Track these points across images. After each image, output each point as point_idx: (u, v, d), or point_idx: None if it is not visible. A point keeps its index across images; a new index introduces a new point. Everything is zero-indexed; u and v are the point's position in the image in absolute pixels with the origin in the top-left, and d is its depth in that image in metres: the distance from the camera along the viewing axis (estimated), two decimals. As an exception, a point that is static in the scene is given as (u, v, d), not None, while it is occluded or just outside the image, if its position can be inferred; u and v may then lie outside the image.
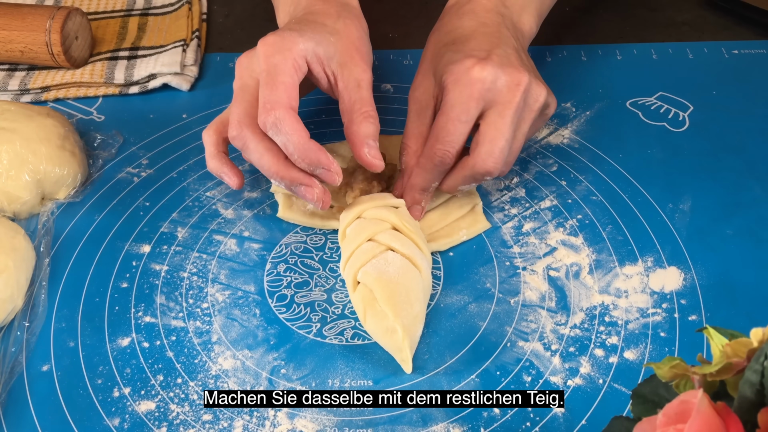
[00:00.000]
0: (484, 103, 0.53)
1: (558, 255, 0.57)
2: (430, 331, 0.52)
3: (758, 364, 0.29)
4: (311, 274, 0.57)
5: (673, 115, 0.70)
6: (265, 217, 0.61)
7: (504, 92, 0.53)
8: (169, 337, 0.52)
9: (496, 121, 0.53)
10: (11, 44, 0.71)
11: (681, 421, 0.28)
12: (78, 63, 0.74)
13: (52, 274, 0.57)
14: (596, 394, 0.48)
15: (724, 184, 0.63)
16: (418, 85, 0.58)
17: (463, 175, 0.55)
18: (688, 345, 0.51)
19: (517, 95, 0.53)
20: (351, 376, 0.50)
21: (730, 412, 0.28)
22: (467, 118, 0.53)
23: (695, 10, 0.84)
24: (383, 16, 0.84)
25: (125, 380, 0.50)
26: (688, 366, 0.32)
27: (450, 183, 0.56)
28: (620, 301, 0.54)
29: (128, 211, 0.62)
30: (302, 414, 0.48)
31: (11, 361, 0.51)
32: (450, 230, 0.59)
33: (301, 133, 0.50)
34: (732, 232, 0.59)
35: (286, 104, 0.50)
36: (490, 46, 0.55)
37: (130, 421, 0.48)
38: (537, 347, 0.51)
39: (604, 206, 0.61)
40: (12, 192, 0.59)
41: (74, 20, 0.73)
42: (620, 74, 0.75)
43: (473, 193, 0.61)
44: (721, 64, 0.76)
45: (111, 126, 0.70)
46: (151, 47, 0.77)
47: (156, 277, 0.57)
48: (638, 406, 0.35)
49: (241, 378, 0.50)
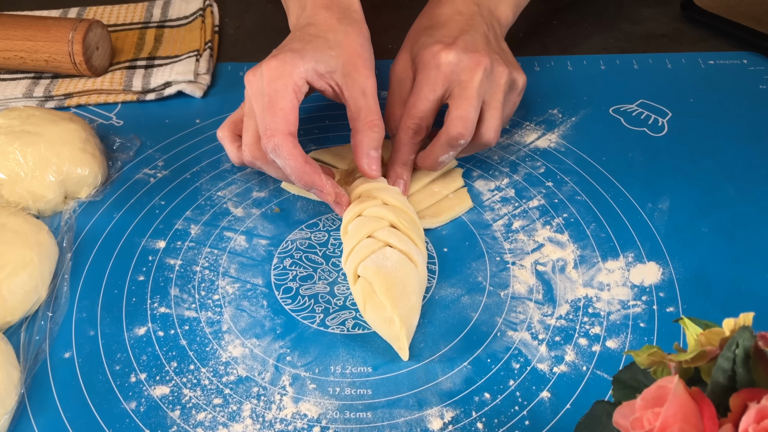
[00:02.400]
0: (449, 83, 0.56)
1: (545, 251, 0.57)
2: (425, 321, 0.52)
3: (730, 351, 0.29)
4: (315, 268, 0.57)
5: (652, 121, 0.70)
6: (272, 216, 0.61)
7: (466, 72, 0.56)
8: (183, 327, 0.52)
9: (461, 94, 0.56)
10: (36, 54, 0.71)
11: (658, 404, 0.28)
12: (99, 72, 0.74)
13: (73, 267, 0.57)
14: (580, 380, 0.48)
15: (700, 185, 0.63)
16: (397, 62, 0.62)
17: (440, 143, 0.57)
18: (666, 335, 0.51)
19: (477, 74, 0.56)
20: (352, 363, 0.50)
21: (704, 397, 0.28)
22: (434, 96, 0.56)
23: (674, 23, 0.84)
24: (383, 28, 0.84)
25: (141, 366, 0.50)
26: (664, 354, 0.32)
27: (430, 155, 0.58)
28: (603, 293, 0.54)
29: (145, 209, 0.61)
30: (306, 398, 0.48)
31: (35, 348, 0.51)
32: (437, 209, 0.60)
33: (297, 158, 0.52)
34: (707, 230, 0.59)
35: (284, 130, 0.52)
36: (459, 33, 0.58)
37: (146, 405, 0.48)
38: (525, 336, 0.51)
39: (588, 205, 0.61)
40: (37, 191, 0.59)
41: (95, 32, 0.73)
42: (604, 83, 0.75)
43: (457, 177, 0.63)
44: (697, 74, 0.76)
45: (129, 130, 0.69)
46: (167, 57, 0.77)
47: (170, 270, 0.56)
48: (619, 391, 0.35)
49: (250, 365, 0.50)
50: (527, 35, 0.82)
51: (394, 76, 0.61)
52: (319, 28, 0.57)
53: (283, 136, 0.52)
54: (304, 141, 0.68)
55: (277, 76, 0.53)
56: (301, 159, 0.53)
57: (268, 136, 0.52)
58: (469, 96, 0.55)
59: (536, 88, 0.74)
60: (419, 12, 0.65)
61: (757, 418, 0.26)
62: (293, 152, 0.52)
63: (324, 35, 0.56)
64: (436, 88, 0.56)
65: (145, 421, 0.47)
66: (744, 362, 0.28)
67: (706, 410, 0.28)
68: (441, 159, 0.58)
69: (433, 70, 0.56)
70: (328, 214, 0.61)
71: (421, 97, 0.56)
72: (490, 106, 0.57)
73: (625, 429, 0.29)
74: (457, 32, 0.58)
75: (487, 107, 0.57)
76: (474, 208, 0.61)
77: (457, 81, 0.56)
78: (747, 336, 0.28)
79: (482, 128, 0.57)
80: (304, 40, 0.56)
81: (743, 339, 0.28)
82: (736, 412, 0.27)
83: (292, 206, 0.62)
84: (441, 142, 0.57)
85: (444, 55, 0.56)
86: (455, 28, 0.59)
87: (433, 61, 0.56)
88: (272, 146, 0.52)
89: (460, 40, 0.57)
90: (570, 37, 0.82)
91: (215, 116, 0.71)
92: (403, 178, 0.59)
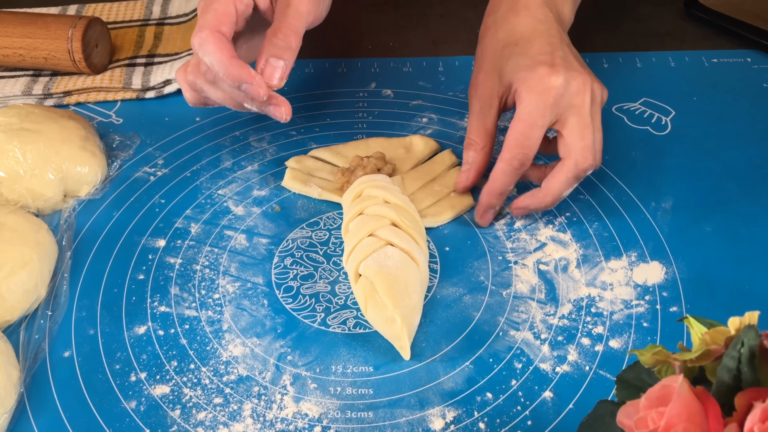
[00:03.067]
0: (558, 108, 0.53)
1: (547, 250, 0.57)
2: (427, 320, 0.52)
3: (735, 350, 0.29)
4: (316, 267, 0.57)
5: (656, 120, 0.70)
6: (272, 214, 0.61)
7: (575, 96, 0.53)
8: (183, 326, 0.52)
9: (578, 122, 0.53)
10: (35, 51, 0.71)
11: (662, 404, 0.28)
12: (98, 69, 0.74)
13: (73, 266, 0.57)
14: (583, 380, 0.48)
15: (703, 184, 0.63)
16: (480, 84, 0.57)
17: (567, 177, 0.54)
18: (669, 334, 0.51)
19: (586, 97, 0.54)
20: (353, 362, 0.50)
21: (709, 396, 0.28)
22: (543, 123, 0.53)
23: (677, 21, 0.84)
24: (384, 26, 0.84)
25: (141, 366, 0.50)
26: (669, 353, 0.32)
27: (553, 191, 0.55)
28: (606, 293, 0.54)
29: (145, 207, 0.61)
30: (307, 398, 0.48)
31: (35, 347, 0.51)
32: (438, 208, 0.60)
33: (223, 52, 0.50)
34: (711, 230, 0.59)
35: (212, 26, 0.50)
36: (551, 48, 0.55)
37: (146, 404, 0.48)
38: (527, 336, 0.51)
39: (591, 204, 0.61)
40: (36, 189, 0.59)
41: (95, 29, 0.73)
42: (607, 81, 0.74)
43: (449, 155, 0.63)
44: (701, 72, 0.76)
45: (129, 128, 0.69)
46: (167, 55, 0.77)
47: (170, 269, 0.57)
48: (622, 390, 0.35)
49: (250, 364, 0.50)
50: (529, 33, 0.82)
51: (477, 101, 0.57)
52: None
53: (210, 31, 0.50)
54: (304, 140, 0.68)
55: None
56: (227, 53, 0.51)
57: (195, 33, 0.51)
58: (584, 126, 0.53)
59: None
60: (419, 10, 0.65)
61: (762, 417, 0.26)
62: (219, 46, 0.50)
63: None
64: (546, 115, 0.53)
65: (146, 420, 0.47)
66: (749, 361, 0.28)
67: (711, 410, 0.28)
68: (564, 193, 0.56)
69: (542, 95, 0.53)
70: (329, 213, 0.61)
71: (530, 124, 0.53)
72: (595, 128, 0.55)
73: (629, 429, 0.29)
74: (548, 47, 0.55)
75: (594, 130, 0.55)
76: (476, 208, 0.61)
77: (568, 105, 0.53)
78: (752, 335, 0.28)
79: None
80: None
81: (749, 338, 0.28)
82: (741, 411, 0.27)
83: (293, 205, 0.62)
84: (568, 175, 0.54)
85: (553, 79, 0.53)
86: (545, 43, 0.56)
87: (540, 86, 0.53)
88: (198, 42, 0.51)
89: (558, 57, 0.54)
90: (573, 35, 0.82)
91: (215, 114, 0.71)
92: (495, 208, 0.57)
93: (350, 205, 0.57)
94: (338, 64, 0.77)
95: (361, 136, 0.68)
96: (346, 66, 0.77)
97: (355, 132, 0.68)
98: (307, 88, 0.74)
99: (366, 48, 0.81)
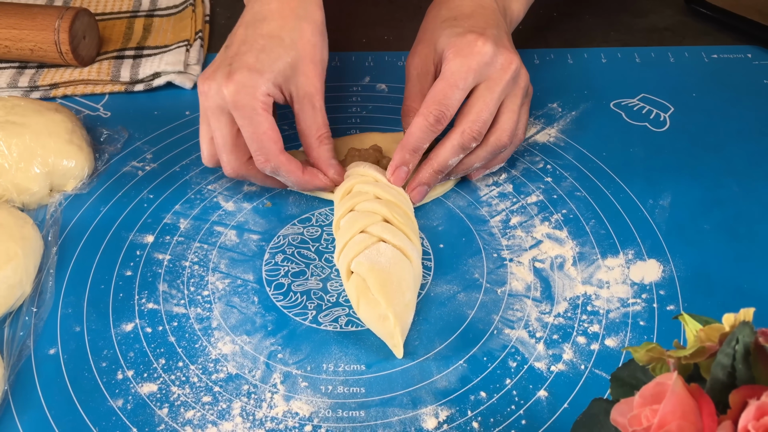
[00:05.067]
0: (479, 76, 0.56)
1: (543, 247, 0.57)
2: (420, 318, 0.53)
3: (729, 347, 0.29)
4: (307, 263, 0.57)
5: (654, 116, 0.70)
6: (263, 210, 0.61)
7: (498, 71, 0.56)
8: (171, 323, 0.53)
9: (485, 95, 0.56)
10: (21, 43, 0.71)
11: (656, 402, 0.28)
12: (85, 61, 0.74)
13: (59, 262, 0.57)
14: (578, 379, 0.49)
15: (702, 181, 0.63)
16: (417, 53, 0.60)
17: (452, 144, 0.56)
18: (666, 333, 0.51)
19: (508, 75, 0.56)
20: (345, 360, 0.50)
21: (703, 393, 0.28)
22: (464, 86, 0.55)
23: (677, 16, 0.84)
24: (379, 19, 0.84)
25: (129, 363, 0.50)
26: (663, 350, 0.32)
27: (439, 154, 0.57)
28: (602, 291, 0.54)
29: (133, 202, 0.62)
30: (297, 396, 0.48)
31: (20, 344, 0.51)
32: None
33: (296, 173, 0.57)
34: (709, 227, 0.59)
35: (276, 152, 0.55)
36: (486, 24, 0.58)
37: (133, 402, 0.48)
38: (522, 335, 0.51)
39: (587, 201, 0.61)
40: (22, 183, 0.59)
41: (82, 20, 0.73)
42: (605, 76, 0.75)
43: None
44: (701, 68, 0.76)
45: (117, 122, 0.69)
46: (156, 47, 0.77)
47: (159, 265, 0.57)
48: (617, 389, 0.35)
49: (240, 362, 0.50)
50: (526, 27, 0.82)
51: (413, 69, 0.60)
52: (272, 24, 0.56)
53: (276, 158, 0.55)
54: (294, 135, 0.68)
55: (243, 103, 0.53)
56: (299, 171, 0.57)
57: (262, 162, 0.55)
58: (489, 101, 0.55)
59: (536, 82, 0.74)
60: (415, 3, 0.65)
61: (756, 415, 0.26)
62: (290, 168, 0.56)
63: (279, 34, 0.56)
64: (467, 78, 0.55)
65: (132, 419, 0.47)
66: (744, 358, 0.29)
67: (705, 407, 0.28)
68: (450, 162, 0.57)
69: (467, 59, 0.55)
70: (321, 209, 0.61)
71: (451, 84, 0.55)
72: (507, 108, 0.57)
73: (623, 427, 0.30)
74: (483, 23, 0.58)
75: (505, 109, 0.57)
76: (471, 204, 0.61)
77: (486, 76, 0.56)
78: (747, 332, 0.29)
79: (497, 130, 0.57)
80: (257, 48, 0.55)
81: (743, 335, 0.29)
82: (736, 409, 0.28)
83: (284, 201, 0.62)
84: (453, 143, 0.56)
85: (480, 44, 0.55)
86: (481, 20, 0.59)
87: (467, 50, 0.55)
88: (270, 169, 0.56)
89: (490, 32, 0.57)
90: (571, 29, 0.83)
91: (206, 108, 0.71)
92: (408, 165, 0.58)
93: (341, 201, 0.57)
94: (332, 58, 0.77)
95: (355, 131, 0.68)
96: (339, 60, 0.78)
97: (349, 127, 0.69)
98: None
99: (360, 41, 0.81)
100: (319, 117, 0.58)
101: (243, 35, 0.57)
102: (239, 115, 0.54)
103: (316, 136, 0.58)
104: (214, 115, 0.55)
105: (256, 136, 0.54)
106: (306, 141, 0.58)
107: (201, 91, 0.55)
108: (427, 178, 0.58)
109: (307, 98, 0.57)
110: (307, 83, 0.56)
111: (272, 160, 0.55)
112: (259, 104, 0.54)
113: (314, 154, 0.58)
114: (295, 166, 0.56)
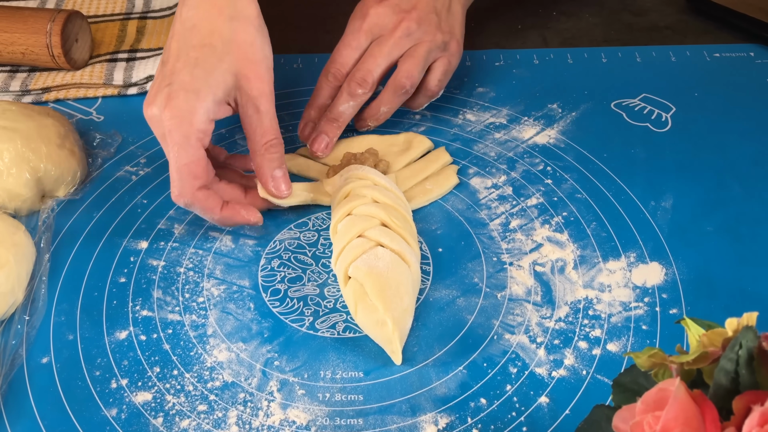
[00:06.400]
0: (372, 35, 0.64)
1: (544, 251, 0.57)
2: (419, 324, 0.53)
3: (733, 352, 0.29)
4: (304, 269, 0.57)
5: (656, 116, 0.70)
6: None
7: (388, 28, 0.63)
8: (166, 331, 0.52)
9: (372, 49, 0.63)
10: (13, 46, 0.71)
11: (659, 408, 0.28)
12: (78, 65, 0.74)
13: (52, 269, 0.56)
14: (580, 384, 0.49)
15: (704, 182, 0.63)
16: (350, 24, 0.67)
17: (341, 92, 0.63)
18: (669, 337, 0.51)
19: (397, 32, 0.63)
20: (342, 367, 0.50)
21: (706, 399, 0.28)
22: (357, 45, 0.64)
23: (678, 14, 0.84)
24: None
25: (123, 372, 0.50)
26: (666, 355, 0.32)
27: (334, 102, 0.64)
28: (603, 295, 0.54)
29: (126, 208, 0.61)
30: (294, 404, 0.48)
31: (12, 353, 0.51)
32: (422, 189, 0.61)
33: (213, 210, 0.55)
34: (712, 229, 0.59)
35: (190, 189, 0.53)
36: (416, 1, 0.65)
37: (128, 412, 0.47)
38: (523, 340, 0.51)
39: (588, 204, 0.61)
40: (13, 189, 0.59)
41: (74, 23, 0.73)
42: (605, 76, 0.75)
43: (452, 175, 0.63)
44: (702, 67, 0.76)
45: (110, 126, 0.69)
46: (150, 50, 0.77)
47: (153, 272, 0.56)
48: (619, 394, 0.35)
49: (236, 369, 0.50)
50: (525, 27, 0.83)
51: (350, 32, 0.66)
52: (203, 32, 0.54)
53: (192, 194, 0.54)
54: (293, 137, 0.68)
55: (176, 126, 0.52)
56: (216, 209, 0.55)
57: (175, 195, 0.54)
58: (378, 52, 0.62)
59: (535, 82, 0.74)
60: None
61: (760, 421, 0.26)
62: (206, 206, 0.55)
63: (210, 42, 0.54)
64: (361, 38, 0.63)
65: (127, 428, 0.47)
66: (747, 363, 0.28)
67: (709, 413, 0.28)
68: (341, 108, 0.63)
69: (357, 19, 0.64)
70: (318, 213, 0.61)
71: (345, 44, 0.64)
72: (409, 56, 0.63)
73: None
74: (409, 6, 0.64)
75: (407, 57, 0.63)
76: (470, 207, 0.61)
77: (377, 35, 0.64)
78: (750, 336, 0.29)
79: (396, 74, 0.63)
80: (191, 63, 0.53)
81: (747, 339, 0.29)
82: (740, 415, 0.27)
83: (281, 205, 0.62)
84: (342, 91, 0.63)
85: (374, 10, 0.63)
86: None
87: (359, 12, 0.64)
88: (184, 204, 0.54)
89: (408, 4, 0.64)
90: (570, 29, 0.83)
91: (200, 111, 0.71)
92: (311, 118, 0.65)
93: (338, 205, 0.57)
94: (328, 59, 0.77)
95: (352, 134, 0.68)
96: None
97: (345, 129, 0.68)
98: (295, 83, 0.74)
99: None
100: (266, 121, 0.55)
101: (176, 49, 0.55)
102: (169, 143, 0.52)
103: (262, 142, 0.55)
104: (162, 141, 0.54)
105: (176, 167, 0.53)
106: (251, 148, 0.56)
107: (146, 117, 0.54)
108: (323, 125, 0.64)
109: (250, 102, 0.54)
110: (249, 87, 0.54)
111: (186, 195, 0.53)
112: (194, 133, 0.52)
113: (256, 162, 0.56)
114: (212, 204, 0.55)
